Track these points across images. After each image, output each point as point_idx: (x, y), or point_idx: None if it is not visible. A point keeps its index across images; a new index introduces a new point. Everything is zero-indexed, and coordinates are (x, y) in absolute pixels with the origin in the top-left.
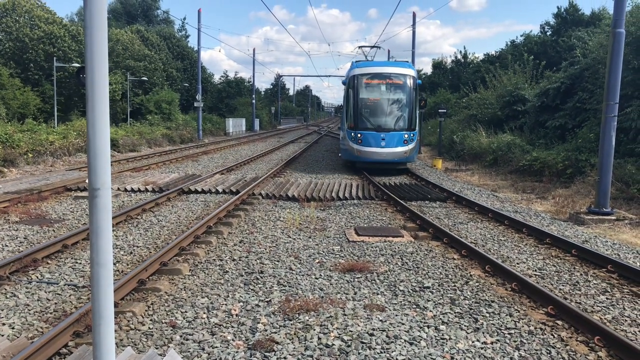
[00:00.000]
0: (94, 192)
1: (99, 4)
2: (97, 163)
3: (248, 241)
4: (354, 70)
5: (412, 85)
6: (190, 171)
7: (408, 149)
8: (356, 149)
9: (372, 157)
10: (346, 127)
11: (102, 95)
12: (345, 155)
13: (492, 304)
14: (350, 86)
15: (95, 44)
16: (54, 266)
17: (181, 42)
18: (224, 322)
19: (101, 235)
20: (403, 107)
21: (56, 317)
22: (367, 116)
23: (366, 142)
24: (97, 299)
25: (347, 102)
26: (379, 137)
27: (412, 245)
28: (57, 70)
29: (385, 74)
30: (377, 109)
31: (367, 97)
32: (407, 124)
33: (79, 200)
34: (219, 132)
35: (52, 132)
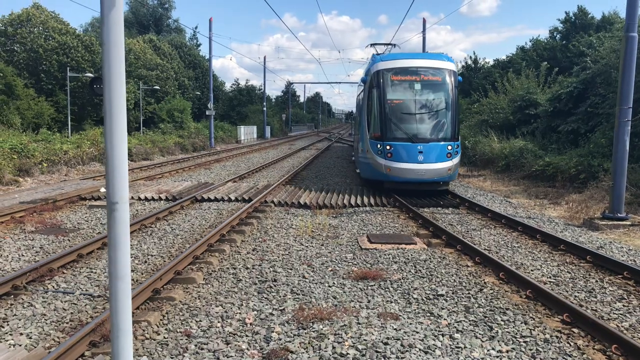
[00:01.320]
0: (112, 206)
1: (117, 19)
2: (115, 177)
3: (261, 249)
4: (378, 64)
5: (453, 83)
6: (203, 179)
7: (452, 165)
8: (384, 165)
9: (406, 175)
10: (368, 137)
11: (119, 109)
12: (366, 173)
13: (506, 312)
14: (374, 85)
15: (113, 59)
16: (70, 276)
17: (192, 51)
18: (238, 331)
19: (119, 248)
20: (443, 111)
21: (72, 327)
22: (399, 123)
23: (398, 157)
24: (115, 312)
25: (370, 106)
26: (415, 150)
27: (425, 253)
28: (71, 80)
29: (419, 69)
30: (410, 113)
31: (397, 99)
32: (449, 133)
33: (94, 210)
34: (230, 140)
35: (66, 141)
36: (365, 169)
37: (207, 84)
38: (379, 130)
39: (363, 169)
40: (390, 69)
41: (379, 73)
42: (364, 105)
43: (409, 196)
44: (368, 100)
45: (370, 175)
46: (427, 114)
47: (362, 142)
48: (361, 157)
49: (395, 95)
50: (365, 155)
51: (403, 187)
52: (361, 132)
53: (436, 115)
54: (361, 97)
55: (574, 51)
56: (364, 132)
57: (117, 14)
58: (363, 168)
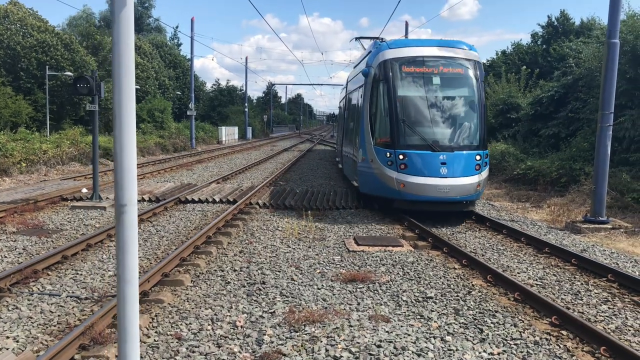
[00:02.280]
0: (121, 209)
1: (127, 18)
2: (124, 179)
3: (248, 251)
4: (385, 52)
5: (479, 76)
6: (186, 180)
7: (481, 180)
8: (396, 180)
9: (425, 193)
10: (372, 143)
11: (129, 111)
12: (369, 188)
13: (496, 314)
14: (380, 78)
15: (124, 62)
16: (55, 277)
17: (173, 51)
18: (229, 334)
19: (127, 252)
20: (469, 112)
21: (60, 330)
22: (415, 126)
23: (415, 169)
24: (123, 315)
25: (374, 104)
26: (437, 161)
27: (412, 255)
28: (50, 78)
29: (438, 59)
30: (429, 114)
31: (411, 96)
32: (477, 139)
33: (76, 210)
34: (211, 141)
35: (46, 140)
36: (367, 183)
37: (188, 83)
38: (389, 135)
39: (364, 182)
40: (401, 59)
41: (387, 64)
42: (365, 103)
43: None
44: (371, 97)
45: (374, 191)
46: (450, 116)
47: (363, 149)
48: (362, 168)
49: (408, 92)
50: (368, 166)
51: (419, 207)
52: (361, 137)
53: (461, 117)
54: (358, 95)
55: (554, 55)
56: (365, 136)
57: (128, 14)
58: (364, 181)
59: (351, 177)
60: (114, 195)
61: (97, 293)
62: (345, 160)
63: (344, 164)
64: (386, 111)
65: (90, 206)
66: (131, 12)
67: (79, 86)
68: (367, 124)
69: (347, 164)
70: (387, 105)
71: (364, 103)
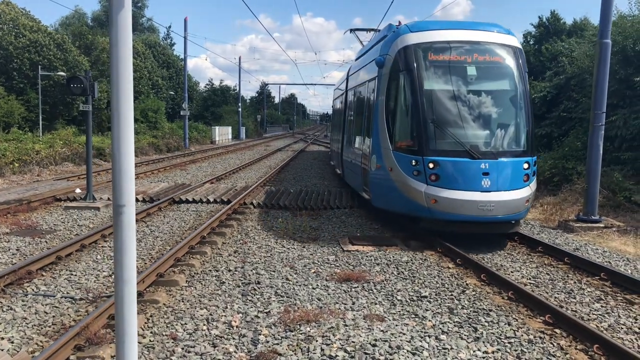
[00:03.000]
0: (119, 209)
1: (125, 19)
2: (122, 180)
3: (243, 251)
4: (405, 37)
5: (522, 66)
6: (180, 180)
7: (531, 193)
8: (426, 194)
9: (463, 210)
10: (389, 148)
11: (126, 111)
12: (387, 202)
13: (490, 313)
14: (400, 68)
15: (121, 65)
16: (49, 278)
17: (166, 50)
18: (224, 333)
19: (125, 252)
20: (513, 109)
21: (55, 331)
22: (447, 127)
23: (449, 181)
24: (121, 316)
25: (392, 100)
26: (478, 171)
27: (406, 254)
28: (42, 78)
29: (473, 45)
30: (464, 112)
31: (442, 90)
32: (525, 142)
33: (70, 211)
34: (205, 141)
35: (38, 141)
36: (383, 196)
37: (181, 83)
38: (414, 138)
39: (380, 195)
40: (427, 45)
41: (409, 51)
42: (380, 99)
43: None
44: (389, 92)
45: (393, 206)
46: (491, 114)
47: (378, 155)
48: (376, 177)
49: (437, 85)
50: (384, 175)
51: (454, 229)
52: (374, 140)
53: (504, 116)
54: (368, 89)
55: (547, 55)
56: (380, 139)
57: (126, 15)
58: (380, 193)
59: (358, 187)
60: (112, 196)
61: (92, 293)
62: (349, 167)
63: (346, 171)
64: (409, 109)
65: (83, 206)
66: (129, 14)
67: (73, 86)
68: (382, 125)
69: (353, 172)
70: (411, 102)
71: (377, 99)
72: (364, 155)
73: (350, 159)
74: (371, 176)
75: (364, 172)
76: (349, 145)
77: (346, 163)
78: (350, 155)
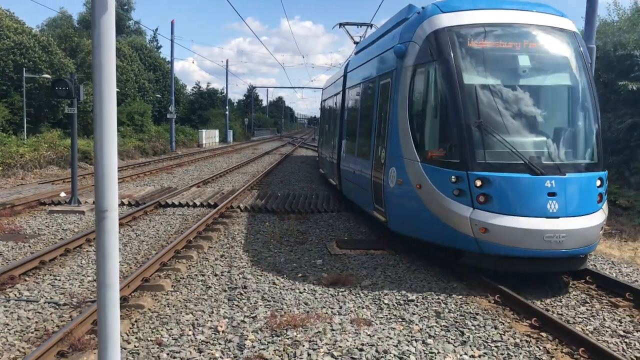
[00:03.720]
0: (101, 214)
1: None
2: (104, 185)
3: (229, 255)
4: (436, 19)
5: (583, 56)
6: (166, 184)
7: (605, 218)
8: (472, 221)
9: (524, 243)
10: (417, 158)
11: (109, 115)
12: (411, 227)
13: (476, 317)
14: (431, 57)
15: (105, 68)
16: (33, 283)
17: (153, 53)
18: (210, 339)
19: (108, 257)
20: (578, 110)
21: (38, 337)
22: (499, 133)
23: (506, 203)
24: (103, 321)
25: (418, 98)
26: (542, 190)
27: (393, 258)
28: (27, 81)
29: (525, 28)
30: (520, 114)
31: (490, 85)
32: (595, 153)
33: (54, 215)
34: (192, 144)
35: (23, 144)
36: (408, 219)
37: (168, 86)
38: (454, 147)
39: (401, 218)
40: (467, 27)
41: (442, 35)
42: (399, 98)
43: None
44: (412, 88)
45: (423, 233)
46: (552, 117)
47: (398, 167)
48: (397, 195)
49: (483, 78)
50: (410, 194)
51: (511, 267)
52: (391, 148)
53: (568, 119)
54: (378, 86)
55: None
56: (401, 147)
57: (109, 18)
58: (401, 216)
59: (365, 204)
60: (95, 201)
61: (76, 299)
62: (351, 179)
63: (346, 183)
64: (446, 109)
65: (68, 210)
66: (112, 17)
67: (58, 89)
68: (404, 130)
69: (357, 185)
70: (449, 100)
71: (396, 97)
72: (376, 166)
73: (352, 169)
74: (388, 193)
75: (375, 188)
76: (349, 153)
77: (346, 174)
78: (353, 165)
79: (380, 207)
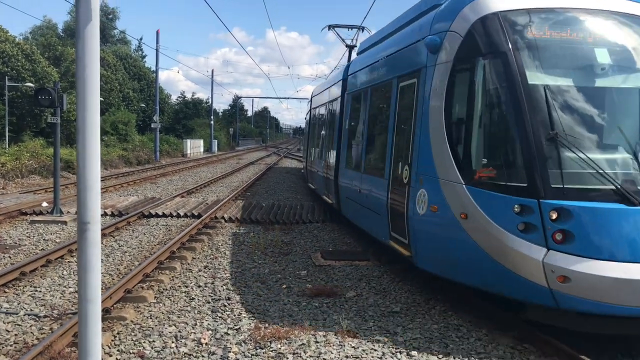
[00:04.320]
0: (83, 226)
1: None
2: (87, 197)
3: (213, 266)
4: (482, 2)
5: None
6: (150, 194)
7: None
8: (547, 266)
9: (623, 298)
10: (462, 180)
11: (93, 128)
12: (448, 266)
13: (460, 328)
14: (478, 51)
15: (88, 77)
16: (12, 295)
17: (138, 63)
18: (193, 351)
19: (90, 270)
20: None
21: (17, 350)
22: (579, 149)
23: (595, 243)
24: (85, 336)
25: (461, 102)
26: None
27: (378, 269)
28: (9, 89)
29: (601, 15)
30: (605, 124)
31: (562, 86)
32: None
33: (35, 225)
34: (176, 154)
35: (4, 153)
36: (444, 256)
37: (152, 96)
38: (516, 165)
39: (434, 253)
40: (525, 13)
41: (494, 21)
42: (431, 102)
43: None
44: (450, 89)
45: (467, 276)
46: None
47: (431, 190)
48: (428, 224)
49: (554, 78)
50: (449, 225)
51: (599, 327)
52: (420, 164)
53: None
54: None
55: None
56: (433, 164)
57: (93, 29)
58: (434, 250)
59: (378, 232)
60: (77, 213)
61: (57, 310)
62: (354, 199)
63: (346, 203)
64: (503, 116)
65: (50, 220)
66: (97, 27)
67: (41, 98)
68: (440, 142)
69: (364, 208)
70: (509, 104)
71: (424, 102)
72: (395, 187)
73: (356, 187)
74: (416, 222)
75: (394, 213)
76: (352, 168)
77: (347, 192)
78: (357, 183)
79: (402, 237)
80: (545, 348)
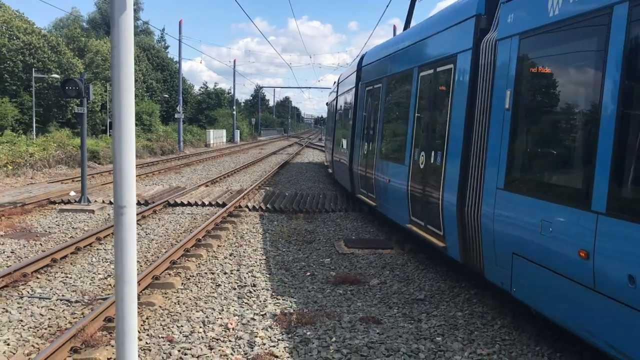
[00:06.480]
0: (119, 210)
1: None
2: (123, 181)
3: (238, 254)
4: None
5: None
6: (175, 183)
7: None
8: None
9: None
10: None
11: (128, 113)
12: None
13: (485, 316)
14: None
15: (123, 65)
16: (45, 281)
17: (161, 53)
18: (221, 336)
19: (126, 253)
20: None
21: (51, 333)
22: None
23: None
24: (121, 317)
25: None
26: None
27: (401, 257)
28: (36, 81)
29: None
30: None
31: None
32: None
33: (64, 213)
34: (199, 144)
35: (32, 143)
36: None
37: (176, 86)
38: None
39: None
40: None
41: None
42: None
43: None
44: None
45: None
46: None
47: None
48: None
49: None
50: None
51: None
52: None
53: None
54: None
55: None
56: None
57: (128, 18)
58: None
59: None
60: (113, 197)
61: (88, 296)
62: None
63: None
64: None
65: (78, 209)
66: (131, 16)
67: (68, 88)
68: None
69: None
70: None
71: None
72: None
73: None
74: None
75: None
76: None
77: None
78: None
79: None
80: None
